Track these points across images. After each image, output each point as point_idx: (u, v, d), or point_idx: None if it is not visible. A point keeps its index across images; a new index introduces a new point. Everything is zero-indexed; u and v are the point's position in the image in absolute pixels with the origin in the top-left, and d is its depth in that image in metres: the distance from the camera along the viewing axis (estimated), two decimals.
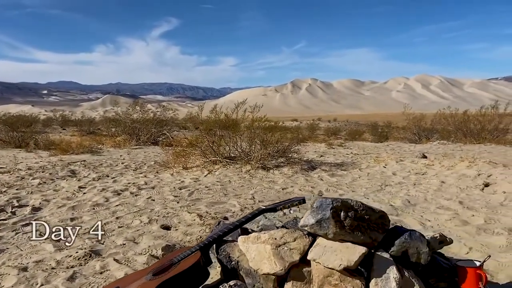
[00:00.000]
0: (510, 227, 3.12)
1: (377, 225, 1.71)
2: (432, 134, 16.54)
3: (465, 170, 5.39)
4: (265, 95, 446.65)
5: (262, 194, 4.71)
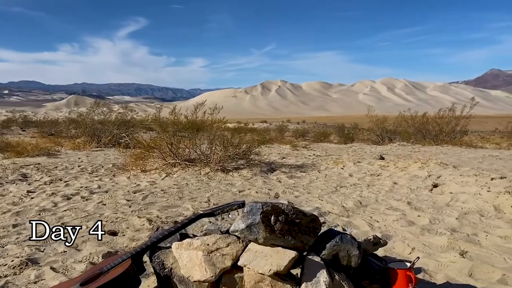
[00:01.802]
0: (452, 227, 3.22)
1: (309, 229, 1.70)
2: (394, 136, 17.00)
3: (417, 171, 5.55)
4: (235, 96, 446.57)
5: (219, 197, 4.67)
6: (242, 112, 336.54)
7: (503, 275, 2.31)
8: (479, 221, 3.35)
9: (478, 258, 2.58)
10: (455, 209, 3.73)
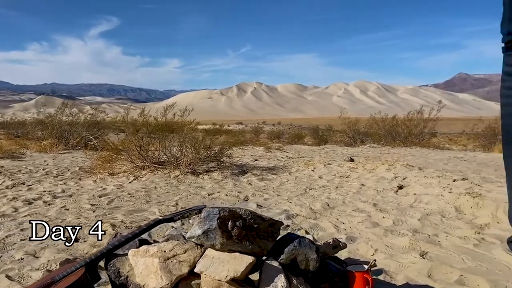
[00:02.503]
0: (414, 228, 3.29)
1: (267, 233, 1.69)
2: (366, 138, 17.32)
3: (384, 173, 5.66)
4: (211, 98, 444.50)
5: (187, 200, 4.61)
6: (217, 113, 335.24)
7: (460, 275, 2.37)
8: (440, 222, 3.44)
9: (437, 259, 2.63)
10: (418, 210, 3.81)
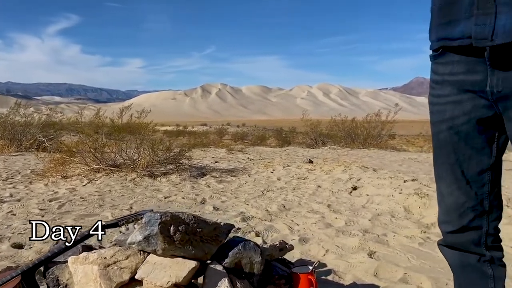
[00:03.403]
0: (365, 229, 3.38)
1: (211, 237, 1.69)
2: (327, 140, 17.67)
3: (340, 174, 5.79)
4: (175, 98, 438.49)
5: (142, 204, 4.52)
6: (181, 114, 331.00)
7: (404, 274, 2.46)
8: (390, 222, 3.56)
9: (384, 258, 2.72)
10: (370, 210, 3.93)
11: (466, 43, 1.04)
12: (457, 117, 1.14)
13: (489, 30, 0.98)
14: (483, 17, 0.99)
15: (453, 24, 1.07)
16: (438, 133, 1.20)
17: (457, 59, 1.11)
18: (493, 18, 0.97)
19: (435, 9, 1.15)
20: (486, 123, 1.12)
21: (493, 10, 0.97)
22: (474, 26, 1.00)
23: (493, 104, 1.07)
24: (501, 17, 0.96)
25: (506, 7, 0.96)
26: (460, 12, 1.05)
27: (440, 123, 1.19)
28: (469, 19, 1.02)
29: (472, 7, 1.01)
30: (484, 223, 1.22)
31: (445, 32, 1.11)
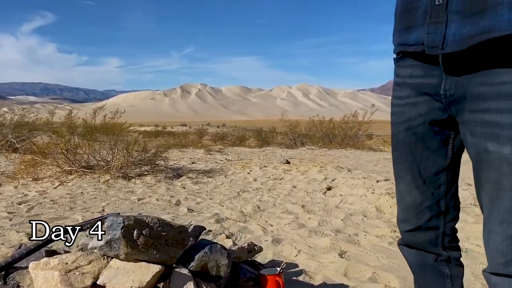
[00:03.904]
0: (337, 229, 3.42)
1: (176, 241, 1.66)
2: (306, 140, 17.79)
3: (315, 175, 5.84)
4: (153, 99, 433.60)
5: (115, 206, 4.44)
6: (161, 115, 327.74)
7: (373, 273, 2.49)
8: (362, 222, 3.60)
9: (354, 258, 2.75)
10: (343, 210, 3.97)
11: (420, 50, 1.06)
12: (414, 118, 1.17)
13: (440, 38, 1.00)
14: (434, 25, 1.01)
15: (410, 31, 1.10)
16: (397, 133, 1.22)
17: (416, 63, 1.13)
18: (444, 27, 1.00)
19: (396, 14, 1.18)
20: (441, 125, 1.14)
21: (444, 19, 1.00)
22: (426, 34, 1.03)
23: (447, 107, 1.09)
24: (451, 26, 0.98)
25: (456, 16, 0.98)
26: (416, 19, 1.07)
27: (399, 124, 1.21)
28: (423, 26, 1.04)
29: (426, 15, 1.03)
30: (440, 223, 1.24)
31: (403, 38, 1.13)
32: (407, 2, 1.11)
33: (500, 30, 0.91)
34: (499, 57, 0.96)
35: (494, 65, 0.97)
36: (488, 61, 0.98)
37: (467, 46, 0.96)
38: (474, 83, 1.01)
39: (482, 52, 0.97)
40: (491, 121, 0.99)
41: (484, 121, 1.00)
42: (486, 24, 0.93)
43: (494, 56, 0.97)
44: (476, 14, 0.95)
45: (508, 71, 0.97)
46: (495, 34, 0.91)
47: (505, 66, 0.96)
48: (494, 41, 0.93)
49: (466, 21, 0.96)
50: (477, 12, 0.95)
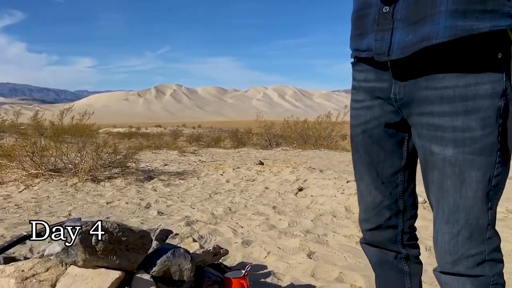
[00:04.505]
0: (307, 229, 3.44)
1: (137, 246, 1.63)
2: (281, 141, 17.88)
3: (288, 176, 5.87)
4: (127, 99, 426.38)
5: (82, 210, 4.33)
6: (135, 116, 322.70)
7: (340, 273, 2.52)
8: (331, 222, 3.64)
9: (322, 258, 2.78)
10: (313, 211, 4.01)
11: (371, 56, 1.09)
12: (370, 121, 1.20)
13: (386, 45, 1.04)
14: (381, 33, 1.05)
15: (362, 37, 1.13)
16: (356, 136, 1.25)
17: (369, 67, 1.16)
18: (390, 34, 1.03)
19: (352, 20, 1.20)
20: (395, 127, 1.17)
21: (390, 27, 1.03)
22: (374, 41, 1.07)
23: (399, 110, 1.12)
24: (396, 33, 1.02)
25: (401, 24, 1.01)
26: (367, 26, 1.11)
27: (357, 126, 1.24)
28: (372, 33, 1.08)
29: (374, 23, 1.06)
30: (399, 221, 1.27)
31: (357, 43, 1.17)
32: (360, 9, 1.14)
33: (437, 37, 0.95)
34: (439, 62, 1.01)
35: (436, 70, 1.02)
36: (430, 67, 1.02)
37: (410, 53, 1.00)
38: (420, 87, 1.04)
39: (424, 58, 1.01)
40: (435, 124, 1.03)
41: (429, 124, 1.04)
42: (425, 32, 0.97)
43: (435, 61, 1.01)
44: (417, 22, 0.99)
45: (448, 76, 1.01)
46: (432, 42, 0.95)
47: (445, 71, 1.01)
48: (433, 48, 0.97)
49: (409, 28, 1.00)
50: (418, 20, 0.98)
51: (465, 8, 0.93)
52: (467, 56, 0.98)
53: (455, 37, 0.94)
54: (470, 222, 1.03)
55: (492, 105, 0.98)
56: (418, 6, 0.98)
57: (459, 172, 1.01)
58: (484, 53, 0.98)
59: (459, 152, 1.00)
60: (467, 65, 0.99)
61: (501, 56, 0.99)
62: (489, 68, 0.99)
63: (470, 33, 0.94)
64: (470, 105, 0.98)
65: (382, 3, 1.05)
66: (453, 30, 0.94)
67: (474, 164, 1.00)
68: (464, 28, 0.93)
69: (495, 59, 0.99)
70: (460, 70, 0.99)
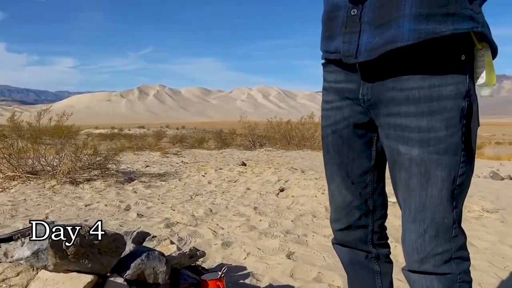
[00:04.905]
0: (287, 230, 3.45)
1: (110, 249, 1.61)
2: (264, 142, 17.90)
3: (270, 176, 5.88)
4: (110, 100, 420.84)
5: (60, 213, 4.25)
6: (117, 117, 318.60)
7: (318, 273, 2.53)
8: (311, 222, 3.66)
9: (301, 258, 2.79)
10: (294, 211, 4.02)
11: (339, 58, 1.11)
12: (339, 122, 1.21)
13: (354, 48, 1.05)
14: (349, 35, 1.07)
15: (331, 39, 1.15)
16: (326, 136, 1.26)
17: (338, 69, 1.17)
18: (357, 36, 1.05)
19: (322, 22, 1.21)
20: (364, 127, 1.19)
21: (358, 29, 1.05)
22: (342, 43, 1.08)
23: (367, 111, 1.13)
24: (363, 36, 1.04)
25: (368, 27, 1.03)
26: (336, 28, 1.12)
27: (327, 127, 1.25)
28: (340, 36, 1.09)
29: (342, 25, 1.08)
30: (369, 221, 1.29)
31: (326, 45, 1.19)
32: (330, 11, 1.16)
33: (402, 40, 0.97)
34: (405, 64, 1.03)
35: (402, 72, 1.04)
36: (396, 69, 1.04)
37: (376, 55, 1.01)
38: (387, 88, 1.06)
39: (391, 60, 1.03)
40: (401, 124, 1.05)
41: (396, 124, 1.06)
42: (390, 35, 0.98)
43: (401, 63, 1.03)
44: (383, 25, 1.00)
45: (414, 77, 1.03)
46: (397, 45, 0.98)
47: (411, 73, 1.03)
48: (399, 50, 0.99)
49: (376, 31, 1.01)
50: (384, 23, 1.00)
51: (428, 11, 0.95)
52: (432, 58, 1.01)
53: (418, 40, 0.96)
54: (436, 221, 1.05)
55: (455, 106, 1.00)
56: (384, 9, 1.00)
57: (425, 172, 1.03)
58: (448, 55, 1.01)
59: (424, 152, 1.02)
60: (431, 67, 1.01)
61: (464, 58, 1.02)
62: (453, 70, 1.01)
63: (433, 36, 0.96)
64: (435, 106, 1.00)
65: (350, 4, 1.06)
66: (417, 34, 0.96)
67: (439, 164, 1.02)
68: (428, 31, 0.96)
69: (458, 61, 1.01)
70: (425, 72, 1.01)
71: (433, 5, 0.95)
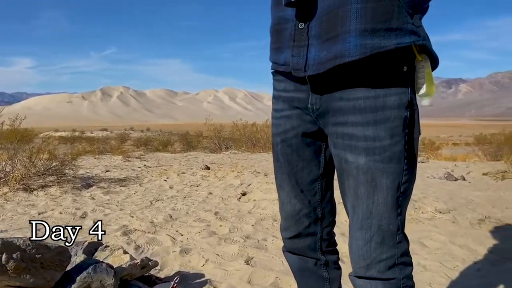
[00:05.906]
0: (247, 235, 3.44)
1: (54, 263, 1.54)
2: (230, 144, 17.84)
3: (232, 180, 5.86)
4: (71, 102, 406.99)
5: (12, 222, 4.04)
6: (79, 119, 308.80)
7: (276, 278, 2.54)
8: (271, 226, 3.67)
9: (260, 264, 2.79)
10: (255, 216, 4.02)
11: (288, 70, 1.12)
12: (288, 130, 1.22)
13: (302, 61, 1.07)
14: (297, 49, 1.08)
15: (280, 51, 1.16)
16: (276, 145, 1.27)
17: (287, 79, 1.19)
18: (306, 50, 1.07)
19: (270, 33, 1.22)
20: (312, 136, 1.20)
21: (306, 43, 1.06)
22: (291, 57, 1.10)
23: (316, 120, 1.15)
24: (311, 49, 1.06)
25: (315, 41, 1.04)
26: (284, 40, 1.14)
27: (277, 135, 1.26)
28: (288, 49, 1.10)
29: (291, 38, 1.09)
30: (318, 229, 1.30)
31: (275, 57, 1.20)
32: (277, 23, 1.16)
33: (350, 55, 0.99)
34: (352, 77, 1.06)
35: (350, 85, 1.06)
36: (344, 81, 1.07)
37: (325, 69, 1.03)
38: (335, 98, 1.08)
39: (339, 74, 1.06)
40: (349, 133, 1.07)
41: (343, 133, 1.08)
42: (338, 49, 1.01)
43: (349, 76, 1.06)
44: (330, 40, 1.02)
45: (360, 88, 1.05)
46: (345, 60, 1.00)
47: (358, 85, 1.05)
48: (346, 64, 1.01)
49: (323, 45, 1.03)
50: (331, 38, 1.02)
51: (373, 27, 0.98)
52: (377, 70, 1.04)
53: (365, 55, 0.99)
54: (382, 228, 1.07)
55: (399, 115, 1.04)
56: (330, 24, 1.02)
57: (371, 180, 1.05)
58: (392, 68, 1.04)
59: (370, 160, 1.04)
60: (376, 78, 1.04)
61: (406, 70, 1.05)
62: (396, 81, 1.04)
63: (378, 50, 0.99)
64: (380, 116, 1.03)
65: (297, 20, 1.07)
66: (363, 49, 0.98)
67: (384, 172, 1.05)
68: (373, 46, 0.98)
69: (401, 72, 1.05)
70: (370, 83, 1.04)
71: (377, 21, 0.98)
